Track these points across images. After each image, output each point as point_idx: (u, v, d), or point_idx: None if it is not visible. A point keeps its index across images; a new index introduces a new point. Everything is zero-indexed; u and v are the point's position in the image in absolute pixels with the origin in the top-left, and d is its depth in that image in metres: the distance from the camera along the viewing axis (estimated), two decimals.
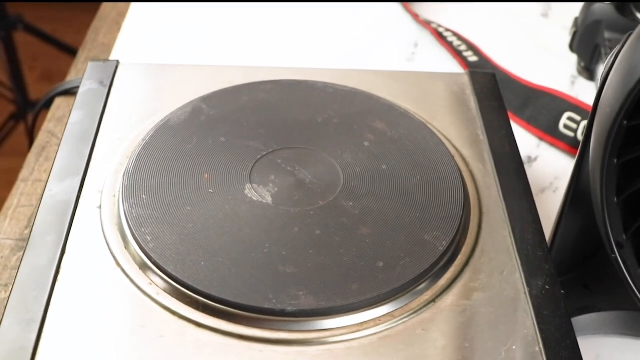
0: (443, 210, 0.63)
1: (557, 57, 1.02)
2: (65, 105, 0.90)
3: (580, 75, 1.00)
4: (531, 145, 0.92)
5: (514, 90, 0.96)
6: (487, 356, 0.55)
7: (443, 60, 1.02)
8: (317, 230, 0.60)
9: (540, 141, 0.92)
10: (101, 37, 1.03)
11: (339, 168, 0.66)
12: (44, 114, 0.93)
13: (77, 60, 1.00)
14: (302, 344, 0.55)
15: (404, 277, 0.58)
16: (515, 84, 0.97)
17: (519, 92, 0.96)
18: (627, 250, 0.62)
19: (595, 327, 0.72)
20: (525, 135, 0.93)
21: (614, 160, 0.59)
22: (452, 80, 0.80)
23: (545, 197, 0.85)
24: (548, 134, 0.92)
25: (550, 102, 0.94)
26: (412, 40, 1.05)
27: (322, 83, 0.75)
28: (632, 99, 0.55)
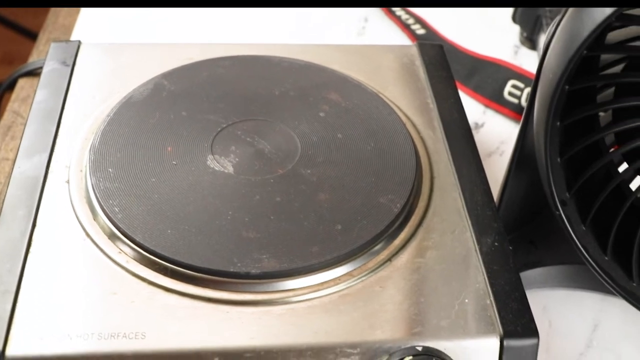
0: (396, 174, 0.64)
1: (501, 28, 1.04)
2: (29, 86, 0.90)
3: (523, 45, 1.01)
4: (478, 112, 0.93)
5: (460, 61, 0.97)
6: (442, 310, 0.56)
7: (392, 33, 1.03)
8: (277, 197, 0.61)
9: (486, 108, 0.94)
10: (61, 19, 1.03)
11: (296, 138, 0.67)
12: (8, 95, 0.93)
13: (39, 42, 0.99)
14: (267, 304, 0.56)
15: (361, 239, 0.59)
16: (461, 55, 0.98)
17: (465, 62, 0.97)
18: (570, 207, 0.63)
19: (541, 280, 0.74)
20: (472, 102, 0.94)
21: (557, 122, 0.60)
22: (402, 52, 0.81)
23: (492, 161, 0.86)
24: (493, 101, 0.93)
25: (495, 71, 0.95)
26: (361, 15, 1.06)
27: (278, 58, 0.76)
28: (573, 64, 0.57)
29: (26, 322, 0.54)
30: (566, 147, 0.61)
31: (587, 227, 0.64)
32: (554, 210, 0.63)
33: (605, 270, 0.64)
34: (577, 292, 0.75)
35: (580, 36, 0.56)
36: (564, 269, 0.74)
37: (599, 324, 0.73)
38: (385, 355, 0.54)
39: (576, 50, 0.56)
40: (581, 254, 0.64)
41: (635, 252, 0.63)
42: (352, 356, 0.54)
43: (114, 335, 0.53)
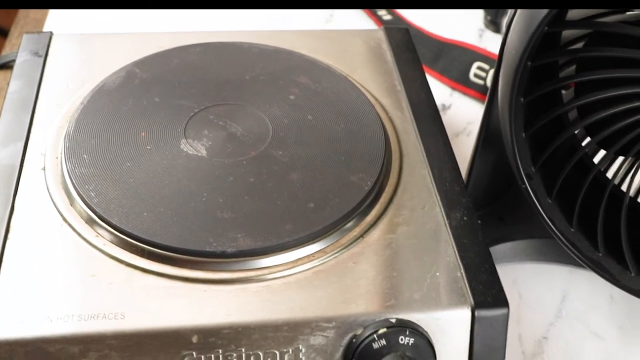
0: (366, 154, 0.65)
1: (465, 12, 1.04)
2: (2, 78, 0.90)
3: (487, 28, 1.02)
4: (445, 95, 0.94)
5: (426, 45, 0.98)
6: (414, 283, 0.57)
7: (359, 20, 1.04)
8: (250, 178, 0.62)
9: (452, 90, 0.95)
10: (32, 14, 1.02)
11: (267, 120, 0.67)
12: None
13: (11, 36, 0.99)
14: (243, 282, 0.56)
15: (334, 216, 0.59)
16: (427, 39, 0.99)
17: (431, 46, 0.98)
18: (536, 181, 0.64)
19: (510, 255, 0.75)
20: (438, 85, 0.95)
21: (521, 98, 0.61)
22: (369, 36, 0.81)
23: (460, 141, 0.87)
24: (460, 83, 0.94)
25: (461, 53, 0.96)
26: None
27: (248, 44, 0.76)
28: (534, 41, 0.57)
29: (6, 306, 0.54)
30: (530, 123, 0.62)
31: (553, 200, 0.64)
32: (520, 184, 0.64)
33: (571, 242, 0.65)
34: (545, 265, 0.76)
35: (540, 13, 0.56)
36: (532, 243, 0.75)
37: (568, 295, 0.74)
38: (360, 328, 0.55)
39: (537, 26, 0.56)
40: (548, 227, 0.65)
41: (599, 223, 0.64)
42: (327, 330, 0.54)
43: (94, 316, 0.53)
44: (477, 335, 0.57)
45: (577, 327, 0.72)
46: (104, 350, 0.52)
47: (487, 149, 0.71)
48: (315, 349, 0.54)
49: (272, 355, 0.54)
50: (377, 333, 0.54)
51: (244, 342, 0.54)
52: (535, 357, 0.69)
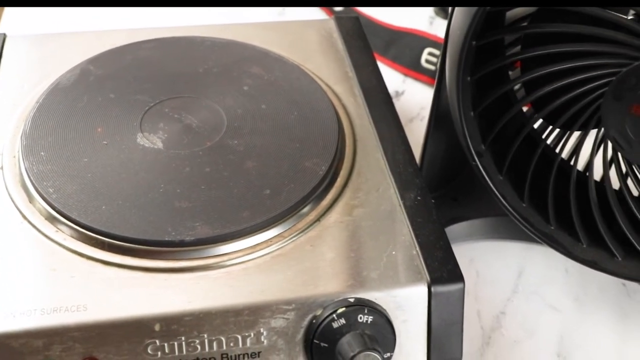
0: (320, 140, 0.65)
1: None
2: None
3: (437, 16, 1.03)
4: (397, 81, 0.95)
5: (377, 33, 0.99)
6: (371, 263, 0.57)
7: (310, 12, 1.04)
8: (207, 168, 0.62)
9: (405, 77, 0.95)
10: None
11: (222, 111, 0.67)
12: None
13: None
14: (203, 269, 0.56)
15: (290, 201, 0.60)
16: (378, 28, 0.99)
17: (382, 34, 0.99)
18: (486, 158, 0.65)
19: (466, 234, 0.76)
20: (391, 72, 0.96)
21: (467, 77, 0.61)
22: (320, 26, 0.82)
23: (414, 126, 0.88)
24: (412, 69, 0.95)
25: (412, 40, 0.97)
26: None
27: (200, 37, 0.76)
28: (477, 20, 0.58)
29: None
30: (479, 101, 0.63)
31: (503, 176, 0.65)
32: (471, 162, 0.64)
33: (523, 217, 0.66)
34: (501, 243, 0.77)
35: None
36: (487, 221, 0.76)
37: (524, 270, 0.75)
38: (320, 309, 0.55)
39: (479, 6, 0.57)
40: (500, 203, 0.66)
41: (550, 197, 0.64)
42: (287, 312, 0.55)
43: (56, 310, 0.53)
44: (434, 310, 0.57)
45: (534, 301, 0.72)
46: (68, 343, 0.52)
47: (438, 130, 0.71)
48: (276, 332, 0.55)
49: (234, 340, 0.54)
50: (336, 313, 0.54)
51: (206, 328, 0.54)
52: (493, 332, 0.70)
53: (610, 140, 0.59)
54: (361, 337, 0.54)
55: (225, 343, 0.54)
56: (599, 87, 0.58)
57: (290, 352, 0.55)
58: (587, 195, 0.63)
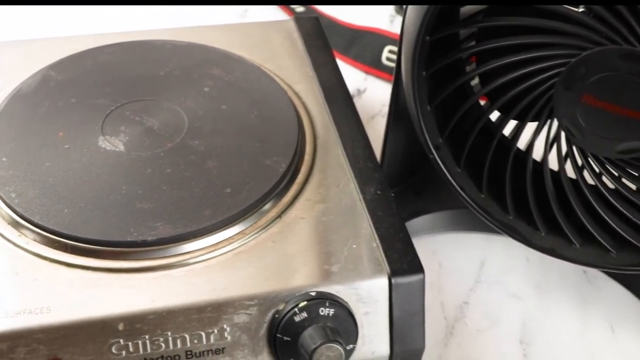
0: (280, 138, 0.65)
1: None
2: None
3: (398, 14, 1.03)
4: (359, 80, 0.95)
5: (339, 33, 0.99)
6: (332, 256, 0.58)
7: (272, 13, 1.04)
8: (168, 169, 0.62)
9: (367, 75, 0.96)
10: None
11: (183, 113, 0.67)
12: None
13: None
14: (166, 268, 0.56)
15: (250, 199, 0.60)
16: (339, 27, 1.00)
17: (344, 34, 0.99)
18: (444, 151, 0.65)
19: (429, 227, 0.76)
20: (353, 71, 0.96)
21: (422, 72, 0.62)
22: (280, 26, 0.82)
23: (375, 123, 0.88)
24: (373, 67, 0.95)
25: (373, 39, 0.97)
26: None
27: (161, 41, 0.76)
28: (429, 17, 0.58)
29: None
30: (435, 95, 0.63)
31: (462, 168, 0.66)
32: (428, 155, 0.65)
33: (482, 208, 0.66)
34: (463, 234, 0.77)
35: None
36: (448, 214, 0.76)
37: (485, 260, 0.75)
38: (282, 303, 0.55)
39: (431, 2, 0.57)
40: (459, 195, 0.66)
41: (507, 187, 0.65)
42: (250, 308, 0.55)
43: (20, 312, 0.53)
44: (395, 301, 0.57)
45: (496, 290, 0.73)
46: (32, 345, 0.52)
47: (398, 125, 0.72)
48: (239, 327, 0.55)
49: (198, 337, 0.54)
50: (298, 307, 0.55)
51: (169, 326, 0.54)
52: (457, 322, 0.70)
53: (563, 130, 0.60)
54: (323, 330, 0.54)
55: (189, 340, 0.54)
56: (550, 78, 0.58)
57: (254, 347, 0.56)
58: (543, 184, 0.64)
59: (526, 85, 0.59)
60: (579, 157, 0.63)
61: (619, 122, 0.56)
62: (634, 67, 0.53)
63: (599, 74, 0.55)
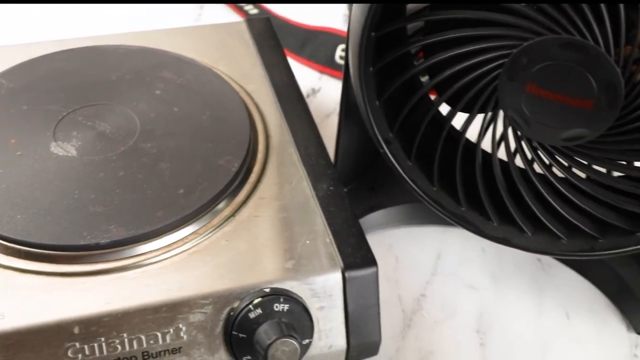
0: (232, 138, 0.65)
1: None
2: None
3: None
4: (314, 79, 0.95)
5: (293, 34, 0.99)
6: (286, 253, 0.58)
7: (227, 16, 1.04)
8: (120, 172, 0.62)
9: (321, 74, 0.96)
10: None
11: (135, 116, 0.67)
12: None
13: None
14: (120, 270, 0.56)
15: (203, 199, 0.60)
16: (293, 28, 1.00)
17: (297, 34, 0.99)
18: (395, 145, 0.66)
19: (384, 222, 0.77)
20: (307, 71, 0.96)
21: (370, 68, 0.62)
22: (232, 28, 0.82)
23: (330, 121, 0.89)
24: (327, 66, 0.95)
25: (326, 38, 0.98)
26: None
27: (113, 46, 0.76)
28: (373, 13, 0.59)
29: None
30: (384, 90, 0.64)
31: (413, 162, 0.66)
32: (379, 150, 0.65)
33: (435, 200, 0.67)
34: (418, 228, 0.78)
35: None
36: (403, 208, 0.77)
37: (441, 253, 0.76)
38: (237, 301, 0.55)
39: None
40: (411, 188, 0.67)
41: (458, 179, 0.65)
42: (205, 307, 0.55)
43: None
44: (349, 295, 0.58)
45: (452, 282, 0.73)
46: None
47: (349, 122, 0.72)
48: (195, 326, 0.55)
49: (154, 337, 0.54)
50: (252, 303, 0.55)
51: (125, 328, 0.54)
52: (414, 314, 0.70)
53: (509, 120, 0.60)
54: (278, 325, 0.54)
55: (145, 341, 0.54)
56: (494, 69, 0.59)
57: (210, 346, 0.56)
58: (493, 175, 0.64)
59: (471, 77, 0.59)
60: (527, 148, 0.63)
61: (562, 110, 0.57)
62: (574, 56, 0.54)
63: (541, 63, 0.55)
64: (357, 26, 0.60)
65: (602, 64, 0.54)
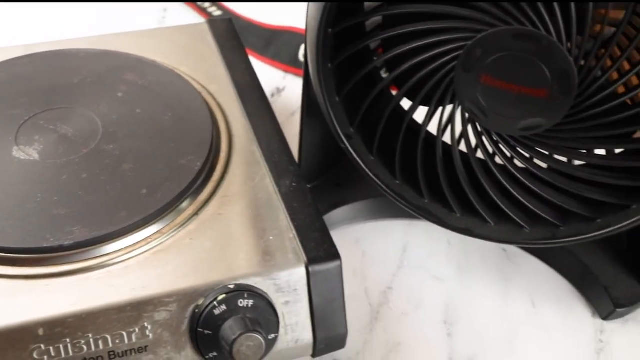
0: (195, 138, 0.66)
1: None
2: None
3: None
4: (279, 78, 0.96)
5: (256, 34, 1.00)
6: (250, 249, 0.58)
7: (191, 19, 1.04)
8: (83, 174, 0.62)
9: (285, 73, 0.96)
10: None
11: (97, 119, 0.67)
12: None
13: None
14: (84, 271, 0.56)
15: (166, 198, 0.60)
16: (257, 29, 1.01)
17: (261, 34, 1.00)
18: (356, 140, 0.66)
19: (351, 217, 0.77)
20: (272, 70, 0.97)
21: (328, 64, 0.63)
22: (194, 30, 0.82)
23: (295, 119, 0.89)
24: (291, 65, 0.96)
25: (290, 38, 0.98)
26: (160, 6, 1.06)
27: (75, 50, 0.76)
28: (329, 9, 0.59)
29: None
30: (344, 86, 0.64)
31: (375, 156, 0.67)
32: (340, 145, 0.65)
33: (398, 194, 0.68)
34: (384, 222, 0.78)
35: None
36: (369, 203, 0.77)
37: (407, 246, 0.77)
38: (201, 298, 0.55)
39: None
40: (374, 182, 0.67)
41: (420, 172, 0.66)
42: (170, 305, 0.55)
43: None
44: (314, 289, 0.58)
45: (419, 274, 0.74)
46: None
47: (311, 119, 0.73)
48: (160, 325, 0.55)
49: (119, 337, 0.54)
50: (217, 300, 0.55)
51: (90, 328, 0.54)
52: (381, 307, 0.71)
53: (467, 112, 0.61)
54: (242, 321, 0.55)
55: (110, 341, 0.54)
56: (450, 62, 0.59)
57: (176, 343, 0.56)
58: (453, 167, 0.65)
59: (428, 70, 0.60)
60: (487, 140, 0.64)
61: (518, 100, 0.57)
62: (526, 46, 0.55)
63: (495, 54, 0.56)
64: (314, 23, 0.60)
65: (555, 53, 0.55)
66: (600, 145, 0.61)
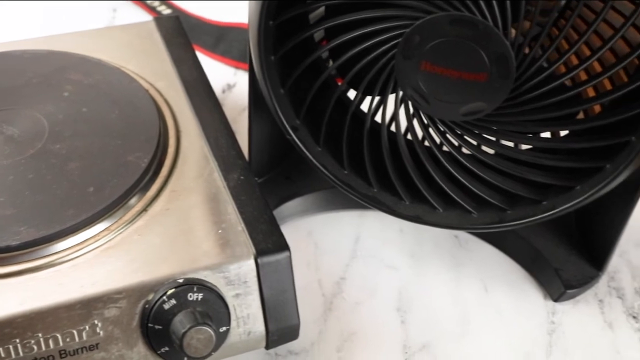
0: (142, 134, 0.66)
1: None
2: None
3: None
4: (229, 75, 0.96)
5: (206, 31, 1.00)
6: (199, 244, 0.59)
7: (141, 18, 1.04)
8: (30, 175, 0.62)
9: (236, 69, 0.97)
10: None
11: (43, 119, 0.67)
12: None
13: None
14: (32, 271, 0.56)
15: (114, 195, 0.60)
16: (207, 26, 1.01)
17: (211, 31, 1.00)
18: (302, 132, 0.67)
19: (303, 209, 0.78)
20: (222, 67, 0.97)
21: (271, 57, 0.63)
22: (141, 28, 0.82)
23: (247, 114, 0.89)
24: (241, 61, 0.96)
25: (239, 34, 0.99)
26: (110, 6, 1.06)
27: (20, 51, 0.76)
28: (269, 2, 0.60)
29: None
30: (288, 77, 0.65)
31: (322, 147, 0.67)
32: (286, 137, 0.66)
33: (346, 184, 0.68)
34: (337, 213, 0.79)
35: None
36: (320, 195, 0.78)
37: (360, 236, 0.77)
38: (151, 293, 0.56)
39: None
40: (322, 174, 0.68)
41: (367, 161, 0.67)
42: (119, 301, 0.55)
43: None
44: (264, 280, 0.59)
45: (372, 263, 0.75)
46: None
47: (259, 113, 0.73)
48: (111, 321, 0.55)
49: (70, 335, 0.55)
50: (166, 294, 0.55)
51: (39, 327, 0.54)
52: (335, 297, 0.72)
53: (409, 99, 0.62)
54: (192, 314, 0.55)
55: (61, 339, 0.55)
56: (390, 49, 0.60)
57: (128, 340, 0.56)
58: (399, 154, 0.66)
59: (369, 59, 0.61)
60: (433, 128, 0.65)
61: (458, 86, 0.58)
62: (463, 31, 0.56)
63: (433, 41, 0.57)
64: (255, 16, 0.61)
65: (492, 38, 0.55)
66: (544, 128, 0.62)
